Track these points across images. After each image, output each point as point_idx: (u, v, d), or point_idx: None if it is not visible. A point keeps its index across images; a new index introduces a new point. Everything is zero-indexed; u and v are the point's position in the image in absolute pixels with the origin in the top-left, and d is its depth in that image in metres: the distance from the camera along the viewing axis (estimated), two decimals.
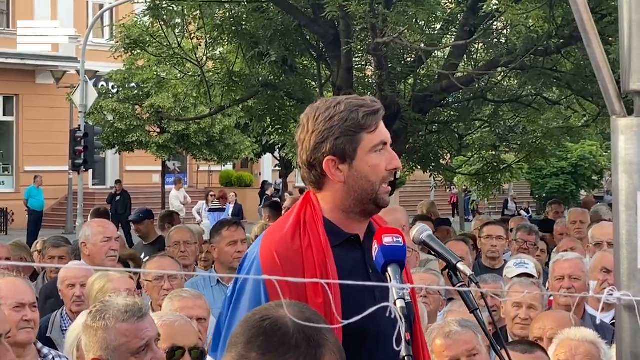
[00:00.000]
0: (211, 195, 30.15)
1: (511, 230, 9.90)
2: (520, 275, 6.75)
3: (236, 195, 31.28)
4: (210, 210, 29.04)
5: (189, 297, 5.28)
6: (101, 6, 35.02)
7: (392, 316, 2.66)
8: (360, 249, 3.16)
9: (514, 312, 5.77)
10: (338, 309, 2.89)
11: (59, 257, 7.93)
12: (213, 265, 7.61)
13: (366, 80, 14.13)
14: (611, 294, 1.92)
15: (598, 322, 5.91)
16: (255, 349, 2.06)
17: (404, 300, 2.82)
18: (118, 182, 30.88)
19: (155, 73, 25.08)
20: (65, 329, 5.74)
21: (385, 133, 3.18)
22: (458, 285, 3.02)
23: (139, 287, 6.40)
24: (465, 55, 13.96)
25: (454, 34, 13.83)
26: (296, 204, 3.24)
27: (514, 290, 5.69)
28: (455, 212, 39.44)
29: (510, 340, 5.46)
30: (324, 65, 13.92)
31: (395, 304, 2.78)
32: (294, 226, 3.14)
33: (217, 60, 14.49)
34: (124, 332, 3.67)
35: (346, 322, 2.10)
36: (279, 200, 23.35)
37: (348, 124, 3.13)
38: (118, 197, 28.73)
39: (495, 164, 16.14)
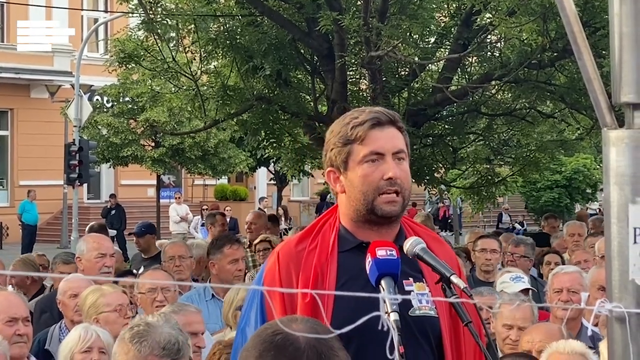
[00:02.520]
0: (204, 210, 30.09)
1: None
2: (521, 291, 6.74)
3: (230, 209, 31.25)
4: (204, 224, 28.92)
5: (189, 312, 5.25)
6: (95, 20, 35.04)
7: (385, 328, 2.66)
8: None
9: (504, 333, 5.64)
10: (328, 310, 2.94)
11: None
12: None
13: (360, 93, 14.13)
14: (603, 306, 1.93)
15: (589, 333, 5.89)
16: None
17: (398, 313, 2.83)
18: (112, 196, 30.88)
19: (149, 87, 25.08)
20: None
21: (381, 143, 3.17)
22: (452, 297, 3.02)
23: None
24: (459, 69, 13.98)
25: (448, 47, 13.86)
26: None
27: (504, 305, 5.65)
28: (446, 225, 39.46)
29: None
30: (318, 79, 13.92)
31: (389, 316, 2.78)
32: (307, 230, 3.26)
33: (212, 74, 14.48)
34: None
35: (339, 331, 2.11)
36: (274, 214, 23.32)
37: (339, 136, 3.20)
38: (113, 212, 28.73)
39: (490, 177, 16.14)
